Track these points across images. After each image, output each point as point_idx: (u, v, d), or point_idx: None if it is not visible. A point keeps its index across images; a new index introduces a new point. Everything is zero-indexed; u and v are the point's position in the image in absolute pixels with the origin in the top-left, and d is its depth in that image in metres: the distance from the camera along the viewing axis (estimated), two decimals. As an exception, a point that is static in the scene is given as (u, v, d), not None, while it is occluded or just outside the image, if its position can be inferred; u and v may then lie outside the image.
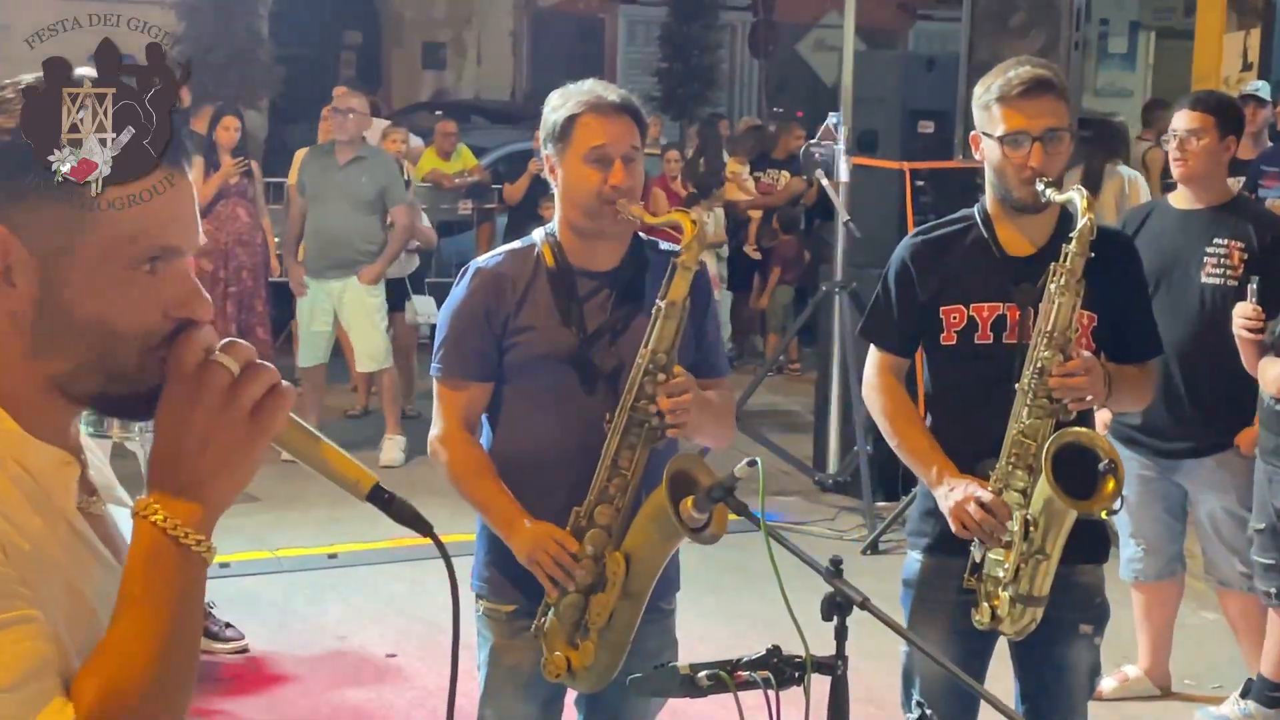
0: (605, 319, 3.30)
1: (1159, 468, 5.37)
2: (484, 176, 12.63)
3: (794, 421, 9.91)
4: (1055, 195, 3.49)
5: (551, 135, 3.30)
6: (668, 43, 21.35)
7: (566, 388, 3.28)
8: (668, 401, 3.13)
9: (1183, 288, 5.18)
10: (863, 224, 7.97)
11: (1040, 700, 3.67)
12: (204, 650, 5.77)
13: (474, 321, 3.32)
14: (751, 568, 5.34)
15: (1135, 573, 5.56)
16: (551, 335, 3.28)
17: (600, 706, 3.46)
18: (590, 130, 3.25)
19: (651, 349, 3.17)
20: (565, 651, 3.21)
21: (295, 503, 7.91)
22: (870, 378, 3.77)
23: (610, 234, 3.30)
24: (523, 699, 3.40)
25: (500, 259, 3.38)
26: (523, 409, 3.34)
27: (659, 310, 3.18)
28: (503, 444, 3.37)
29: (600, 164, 3.24)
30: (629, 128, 3.28)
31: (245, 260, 9.83)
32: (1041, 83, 3.53)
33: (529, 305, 3.30)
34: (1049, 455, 3.37)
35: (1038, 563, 3.46)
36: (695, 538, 3.04)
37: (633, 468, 3.18)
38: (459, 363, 3.34)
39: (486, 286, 3.32)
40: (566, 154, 3.28)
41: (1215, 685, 5.71)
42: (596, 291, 3.33)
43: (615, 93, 3.31)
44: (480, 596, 3.43)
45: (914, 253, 3.70)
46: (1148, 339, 3.77)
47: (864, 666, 3.54)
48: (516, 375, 3.32)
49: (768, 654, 2.61)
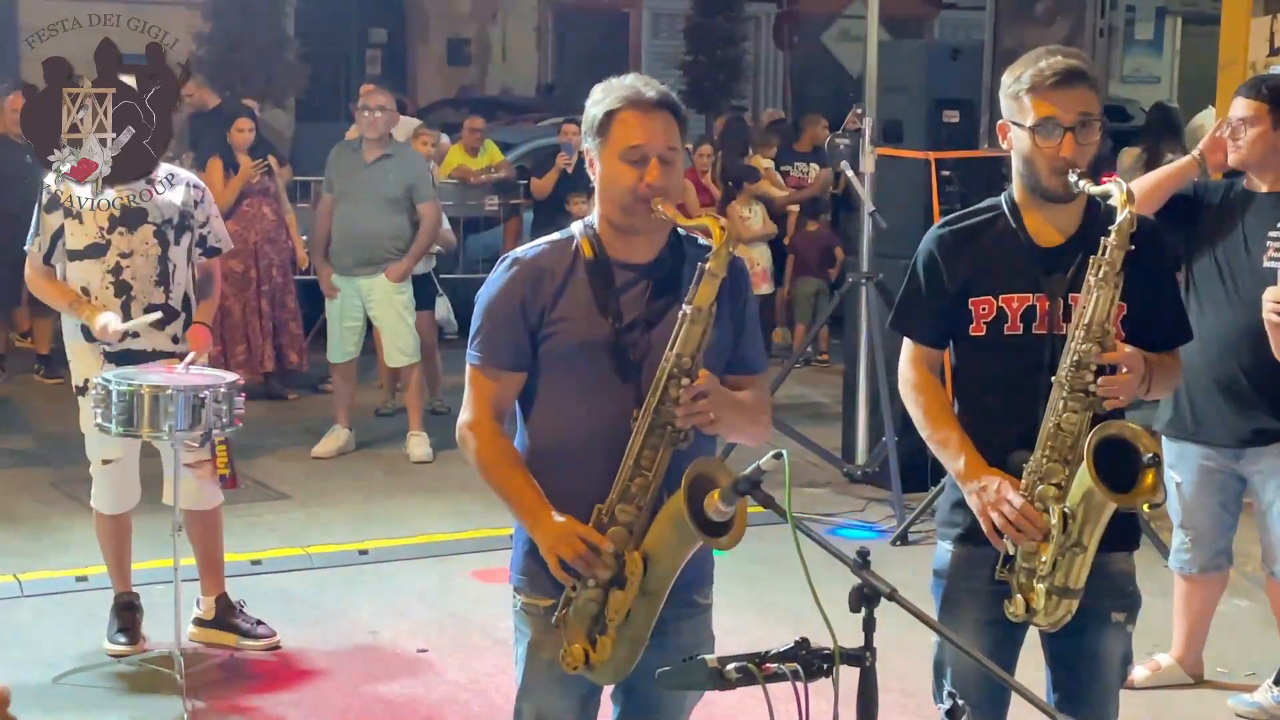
0: (641, 310, 3.30)
1: (1221, 458, 5.32)
2: (510, 172, 12.63)
3: (822, 413, 9.90)
4: (1090, 187, 3.47)
5: (591, 129, 3.31)
6: (692, 36, 21.32)
7: (601, 376, 3.28)
8: (686, 409, 3.14)
9: (1247, 271, 5.13)
10: (889, 214, 7.94)
11: (1072, 689, 3.65)
12: (235, 647, 5.80)
13: (510, 311, 3.32)
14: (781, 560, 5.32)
15: (1183, 563, 5.52)
16: (587, 324, 3.29)
17: (636, 701, 3.45)
18: (628, 127, 3.25)
19: (676, 353, 3.17)
20: (583, 645, 3.22)
21: (326, 500, 7.95)
22: (904, 371, 3.75)
23: (646, 230, 3.30)
24: (560, 693, 3.40)
25: (539, 250, 3.38)
26: (557, 398, 3.34)
27: (685, 315, 3.18)
28: (535, 433, 3.38)
29: (637, 163, 3.24)
30: (667, 125, 3.27)
31: (275, 258, 9.86)
32: (1074, 73, 3.50)
33: (566, 295, 3.31)
34: (1091, 448, 3.35)
35: (1074, 555, 3.44)
36: (712, 543, 3.04)
37: (655, 468, 3.19)
38: (494, 351, 3.35)
39: (524, 277, 3.33)
40: (605, 150, 3.28)
41: (1248, 673, 5.69)
42: (634, 283, 3.33)
43: (655, 88, 3.30)
44: (518, 590, 3.43)
45: (941, 243, 3.68)
46: (1178, 326, 3.75)
47: (895, 657, 3.52)
48: (552, 364, 3.33)
49: (796, 646, 2.61)
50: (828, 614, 2.62)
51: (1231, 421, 5.23)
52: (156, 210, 5.56)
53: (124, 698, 5.47)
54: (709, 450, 3.30)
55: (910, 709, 4.81)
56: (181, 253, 5.65)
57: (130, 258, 5.54)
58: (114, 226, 5.51)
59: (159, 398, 5.14)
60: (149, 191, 5.54)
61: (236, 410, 5.30)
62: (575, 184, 11.11)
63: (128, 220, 5.52)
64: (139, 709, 5.36)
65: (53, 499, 7.78)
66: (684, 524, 3.01)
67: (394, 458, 8.80)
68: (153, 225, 5.55)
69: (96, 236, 5.52)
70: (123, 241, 5.53)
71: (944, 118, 8.26)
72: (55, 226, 5.54)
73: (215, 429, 5.28)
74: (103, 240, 5.52)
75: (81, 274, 5.55)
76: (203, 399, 5.18)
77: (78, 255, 5.55)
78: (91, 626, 5.89)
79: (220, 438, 5.41)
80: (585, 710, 3.44)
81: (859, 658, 2.63)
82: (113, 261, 5.54)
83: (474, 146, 12.41)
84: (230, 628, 5.87)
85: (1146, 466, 3.33)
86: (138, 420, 5.16)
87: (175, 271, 5.63)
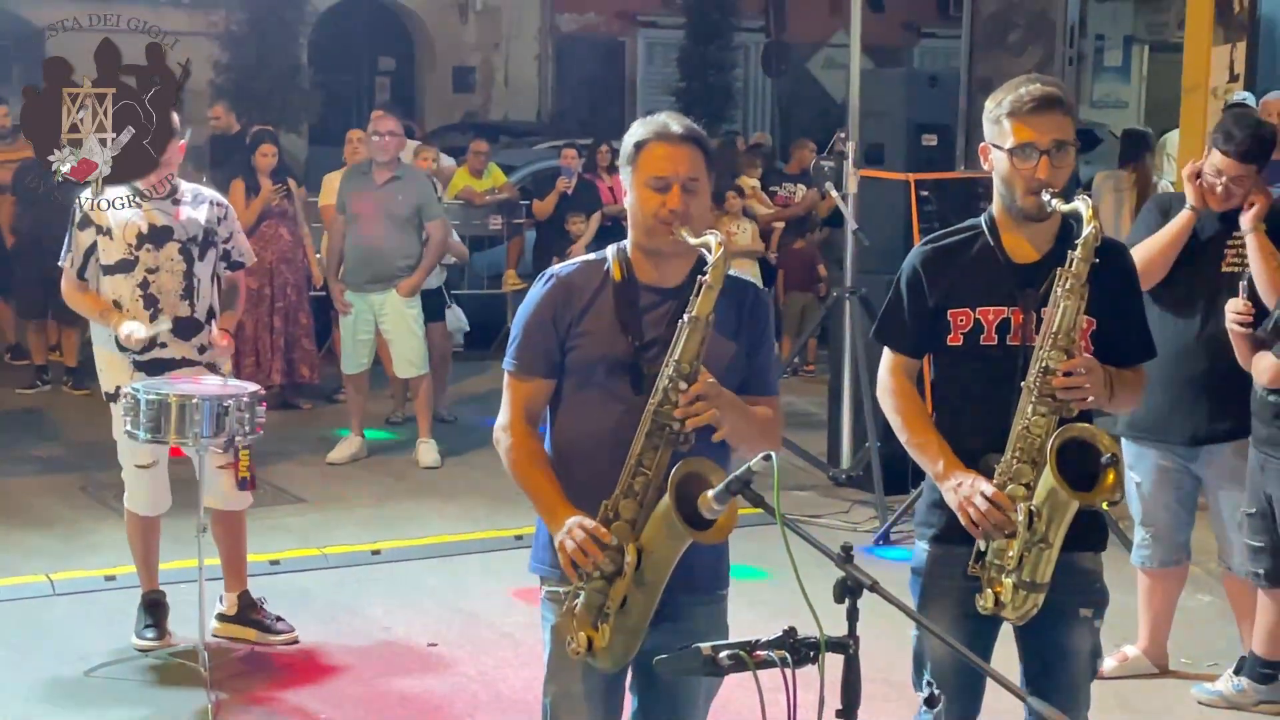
0: (662, 331, 3.36)
1: (1178, 458, 5.37)
2: (513, 194, 12.68)
3: (809, 420, 9.94)
4: (1061, 205, 3.52)
5: (625, 160, 3.42)
6: (685, 63, 21.41)
7: (618, 390, 3.35)
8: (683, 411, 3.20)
9: (1204, 277, 5.17)
10: (871, 232, 8.00)
11: (1044, 682, 3.66)
12: (258, 642, 5.84)
13: (542, 322, 3.42)
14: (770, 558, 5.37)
15: (1143, 559, 5.58)
16: (608, 340, 3.37)
17: (654, 691, 3.49)
18: (654, 156, 3.34)
19: (676, 359, 3.23)
20: (588, 632, 3.27)
21: (340, 504, 7.99)
22: (884, 378, 3.80)
23: (669, 254, 3.38)
24: (582, 676, 3.42)
25: (574, 268, 3.47)
26: (578, 405, 3.42)
27: (684, 323, 3.24)
28: (560, 434, 3.46)
29: (661, 189, 3.32)
30: (692, 156, 3.36)
31: (290, 277, 9.90)
32: (1051, 99, 3.55)
33: (592, 312, 3.39)
34: (1054, 449, 3.40)
35: (1040, 551, 3.48)
36: (697, 537, 3.10)
37: (654, 467, 3.24)
38: (528, 359, 3.44)
39: (557, 292, 3.42)
40: (634, 177, 3.38)
41: (1210, 664, 5.73)
42: (658, 305, 3.40)
43: (682, 124, 3.40)
44: (544, 579, 3.48)
45: (924, 259, 3.73)
46: (1142, 343, 3.77)
47: (876, 648, 3.56)
48: (575, 373, 3.41)
49: (784, 635, 2.66)
50: (814, 606, 2.67)
51: (1187, 422, 5.29)
52: (181, 228, 5.61)
53: (151, 690, 5.50)
54: (721, 458, 3.33)
55: (891, 696, 4.85)
56: (206, 268, 5.70)
57: (157, 273, 5.59)
58: (141, 243, 5.56)
59: (185, 406, 5.19)
60: (175, 211, 5.60)
61: (258, 419, 5.35)
62: (574, 205, 11.17)
63: (154, 237, 5.58)
64: (165, 701, 5.39)
65: (83, 503, 7.81)
66: (672, 521, 3.08)
67: (405, 464, 8.84)
68: (178, 242, 5.61)
69: (125, 252, 5.57)
70: (149, 257, 5.57)
71: (923, 141, 8.32)
72: (88, 243, 5.59)
73: (238, 436, 5.33)
74: (131, 256, 5.57)
75: (114, 288, 5.61)
76: (226, 408, 5.23)
77: (110, 270, 5.60)
78: (120, 623, 5.93)
79: (244, 444, 5.46)
80: (608, 695, 3.47)
81: (843, 645, 2.67)
82: (140, 276, 5.59)
83: (479, 169, 12.46)
84: (252, 623, 5.91)
85: (1106, 466, 3.38)
86: (165, 428, 5.20)
87: (200, 286, 5.68)
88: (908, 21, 23.09)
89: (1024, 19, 8.07)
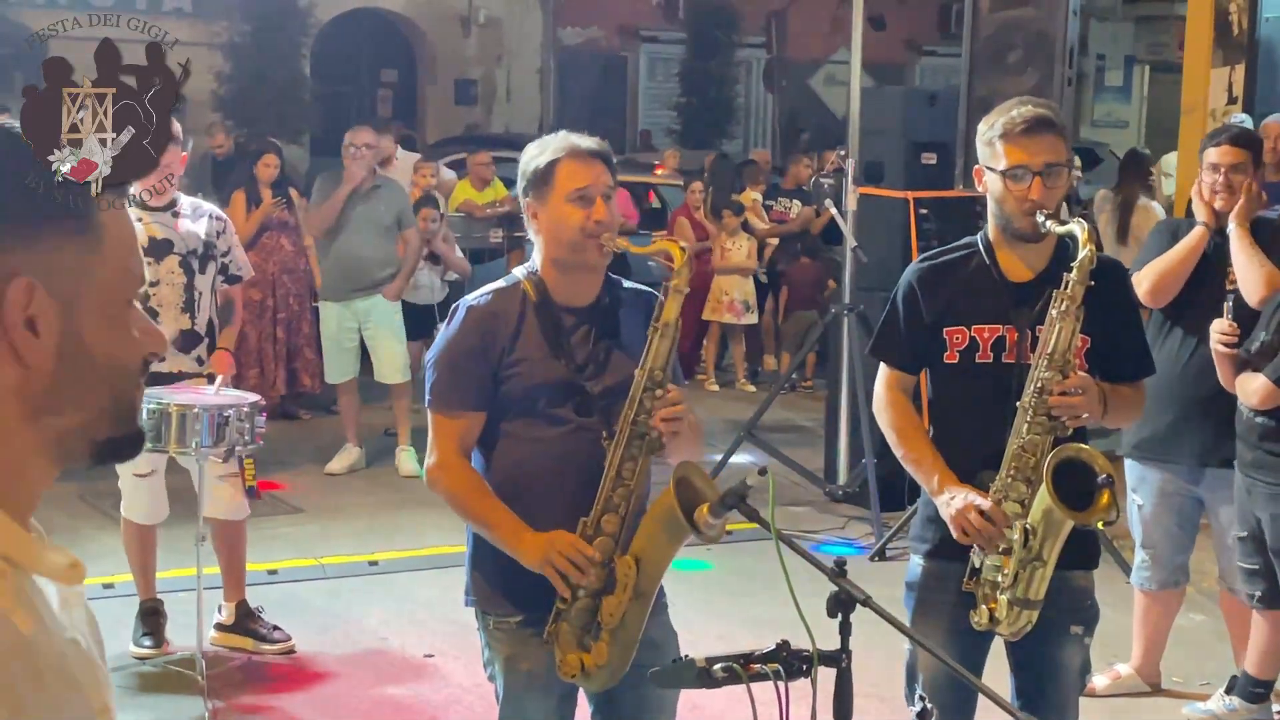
0: (589, 351, 3.37)
1: (1180, 481, 5.38)
2: (514, 206, 12.69)
3: (806, 436, 9.96)
4: (1056, 227, 3.53)
5: (532, 182, 3.40)
6: (686, 79, 21.46)
7: (563, 413, 3.34)
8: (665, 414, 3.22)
9: (1211, 299, 5.19)
10: (869, 250, 8.03)
11: (1034, 696, 3.71)
12: (253, 651, 5.86)
13: (470, 354, 3.37)
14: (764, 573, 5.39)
15: (1142, 580, 5.60)
16: (545, 366, 3.35)
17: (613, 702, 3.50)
18: (571, 172, 3.35)
19: (649, 367, 3.24)
20: (578, 654, 3.27)
21: (338, 514, 8.01)
22: (879, 393, 3.83)
23: (592, 267, 3.38)
24: (542, 698, 3.44)
25: (488, 297, 3.44)
26: (522, 433, 3.38)
27: (654, 330, 3.26)
28: (500, 469, 3.41)
29: (582, 202, 3.33)
30: (604, 170, 3.38)
31: (291, 287, 9.94)
32: (1042, 121, 3.58)
33: (522, 339, 3.36)
34: (1050, 469, 3.43)
35: (1035, 569, 3.51)
36: (700, 537, 3.11)
37: (635, 477, 3.26)
38: (455, 394, 3.38)
39: (481, 322, 3.38)
40: (550, 197, 3.36)
41: (1203, 683, 5.75)
42: (578, 326, 3.40)
43: (587, 140, 3.41)
44: (486, 613, 3.48)
45: (920, 277, 3.76)
46: (1140, 360, 3.80)
47: (870, 663, 3.59)
48: (514, 403, 3.37)
49: (777, 648, 2.67)
50: (808, 621, 2.69)
51: (1192, 445, 5.30)
52: (181, 241, 5.64)
53: (148, 697, 5.52)
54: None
55: (884, 711, 4.87)
56: (206, 281, 5.73)
57: (157, 286, 5.62)
58: (142, 257, 5.59)
59: (185, 416, 5.21)
60: (175, 224, 5.63)
61: (258, 429, 5.38)
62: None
63: (154, 251, 5.61)
64: (163, 708, 5.41)
65: (81, 511, 7.82)
66: (675, 520, 3.07)
67: (383, 473, 8.86)
68: (178, 255, 5.64)
69: (126, 266, 5.59)
70: (150, 271, 5.60)
71: (922, 159, 8.35)
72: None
73: (238, 446, 5.35)
74: (132, 269, 5.59)
75: (113, 300, 5.62)
76: (226, 418, 5.26)
77: (110, 283, 5.62)
78: (118, 631, 5.92)
79: (244, 454, 5.47)
80: (562, 708, 3.49)
81: (836, 659, 2.69)
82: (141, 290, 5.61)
83: (485, 180, 12.49)
84: (249, 632, 5.93)
85: (1101, 487, 3.40)
86: (165, 437, 5.23)
87: (200, 299, 5.72)
88: (909, 40, 23.16)
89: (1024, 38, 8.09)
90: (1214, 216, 5.22)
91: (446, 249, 9.83)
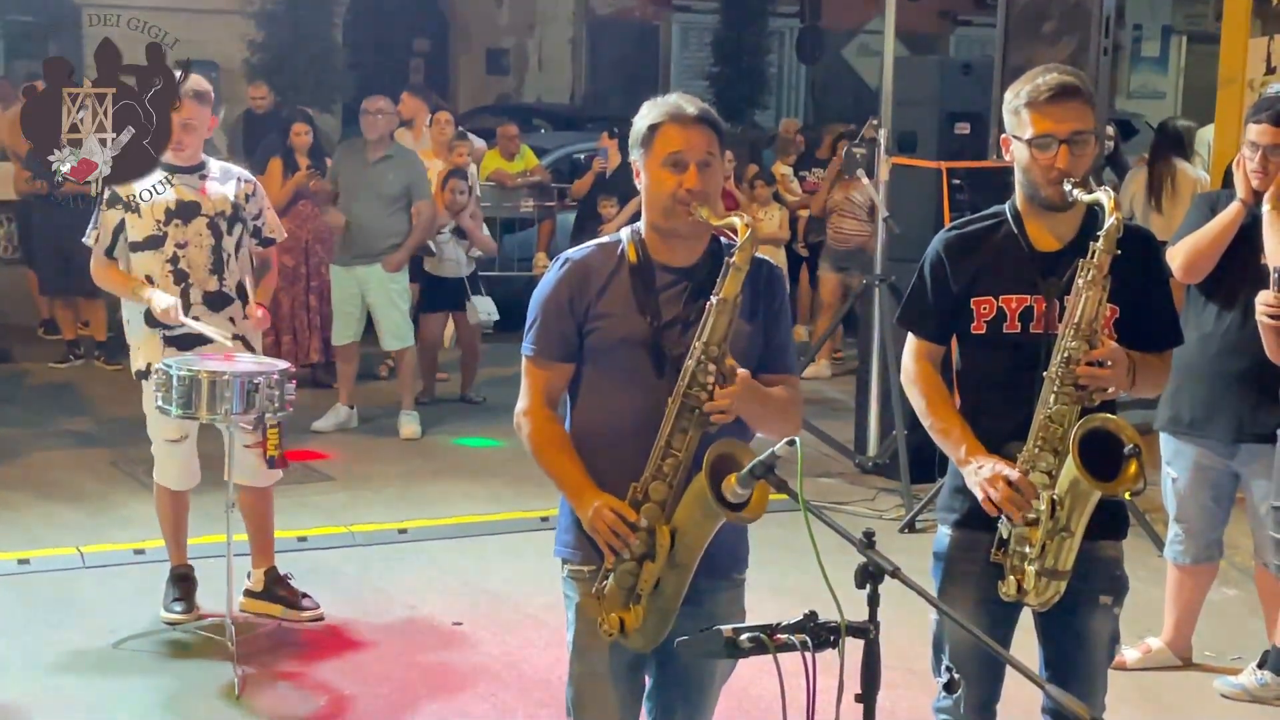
0: (679, 310, 3.38)
1: (1216, 456, 5.34)
2: (545, 176, 12.69)
3: (836, 407, 9.95)
4: (1083, 195, 3.51)
5: (636, 142, 3.41)
6: (719, 48, 21.34)
7: (639, 370, 3.36)
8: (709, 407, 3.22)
9: (1249, 273, 5.12)
10: (902, 220, 8.00)
11: (1063, 667, 3.70)
12: (284, 618, 5.90)
13: (559, 307, 3.42)
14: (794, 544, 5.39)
15: (1176, 554, 5.57)
16: (627, 322, 3.37)
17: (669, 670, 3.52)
18: (669, 137, 3.34)
19: (705, 341, 3.25)
20: (619, 613, 3.30)
21: (368, 483, 8.04)
22: (908, 364, 3.82)
23: (685, 233, 3.38)
24: (608, 653, 3.45)
25: (588, 251, 3.48)
26: (599, 387, 3.43)
27: (712, 305, 3.26)
28: (581, 418, 3.47)
29: (676, 168, 3.33)
30: (706, 136, 3.36)
31: (324, 255, 9.96)
32: (1068, 89, 3.55)
33: (609, 294, 3.40)
34: (1077, 439, 3.41)
35: (1062, 539, 3.50)
36: (732, 518, 3.11)
37: (684, 449, 3.26)
38: (545, 344, 3.44)
39: (573, 275, 3.43)
40: (648, 159, 3.37)
41: (1234, 657, 5.73)
42: (673, 285, 3.41)
43: (694, 105, 3.39)
44: (565, 561, 3.51)
45: (947, 246, 3.74)
46: (1168, 329, 3.77)
47: (896, 633, 3.59)
48: (595, 357, 3.42)
49: (805, 619, 2.68)
50: (836, 592, 2.69)
51: (1228, 419, 5.27)
52: (209, 203, 5.67)
53: (178, 663, 5.56)
54: (743, 436, 3.35)
55: (911, 682, 4.87)
56: (233, 242, 5.75)
57: (185, 248, 5.65)
58: (170, 219, 5.62)
59: (216, 383, 5.23)
60: (202, 187, 5.65)
61: (288, 396, 5.39)
62: (607, 187, 11.18)
63: (182, 213, 5.63)
64: (192, 673, 5.45)
65: (113, 477, 7.89)
66: (707, 501, 3.09)
67: (431, 444, 8.89)
68: (206, 217, 5.66)
69: (154, 229, 5.62)
70: (178, 233, 5.63)
71: (955, 130, 8.31)
72: (115, 221, 5.64)
73: (268, 413, 5.37)
74: (159, 232, 5.62)
75: (143, 264, 5.66)
76: (256, 385, 5.27)
77: (139, 247, 5.65)
78: (149, 596, 5.99)
79: (273, 421, 5.49)
80: (631, 673, 3.50)
81: (864, 630, 2.69)
82: (170, 251, 5.64)
83: (511, 152, 12.49)
84: (278, 599, 5.96)
85: (1128, 457, 3.38)
86: (196, 404, 5.24)
87: (229, 260, 5.74)
88: (944, 9, 22.99)
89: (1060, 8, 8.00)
90: (1251, 193, 5.17)
91: (473, 226, 9.80)
